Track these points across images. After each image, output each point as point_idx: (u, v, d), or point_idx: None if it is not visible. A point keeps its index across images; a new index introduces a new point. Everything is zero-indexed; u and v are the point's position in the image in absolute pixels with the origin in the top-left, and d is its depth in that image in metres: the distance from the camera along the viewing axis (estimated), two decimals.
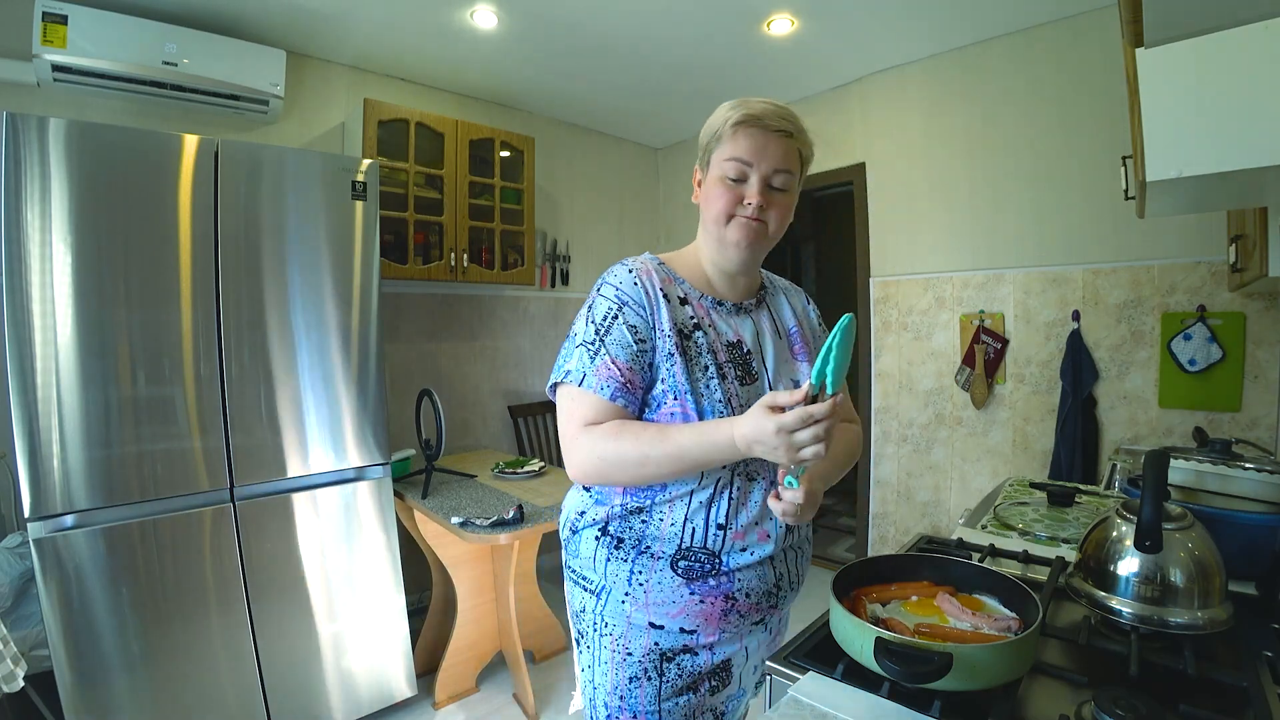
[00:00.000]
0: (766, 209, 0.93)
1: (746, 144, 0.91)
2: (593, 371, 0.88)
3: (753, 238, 0.93)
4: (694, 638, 0.92)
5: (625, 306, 0.91)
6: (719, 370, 0.92)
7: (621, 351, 0.88)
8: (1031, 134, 2.45)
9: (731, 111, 0.92)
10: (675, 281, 0.98)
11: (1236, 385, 2.05)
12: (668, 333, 0.90)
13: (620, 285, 0.93)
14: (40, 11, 1.85)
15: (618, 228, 3.82)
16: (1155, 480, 0.82)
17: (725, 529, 0.91)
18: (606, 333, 0.89)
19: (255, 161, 1.77)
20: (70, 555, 1.51)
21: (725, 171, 0.92)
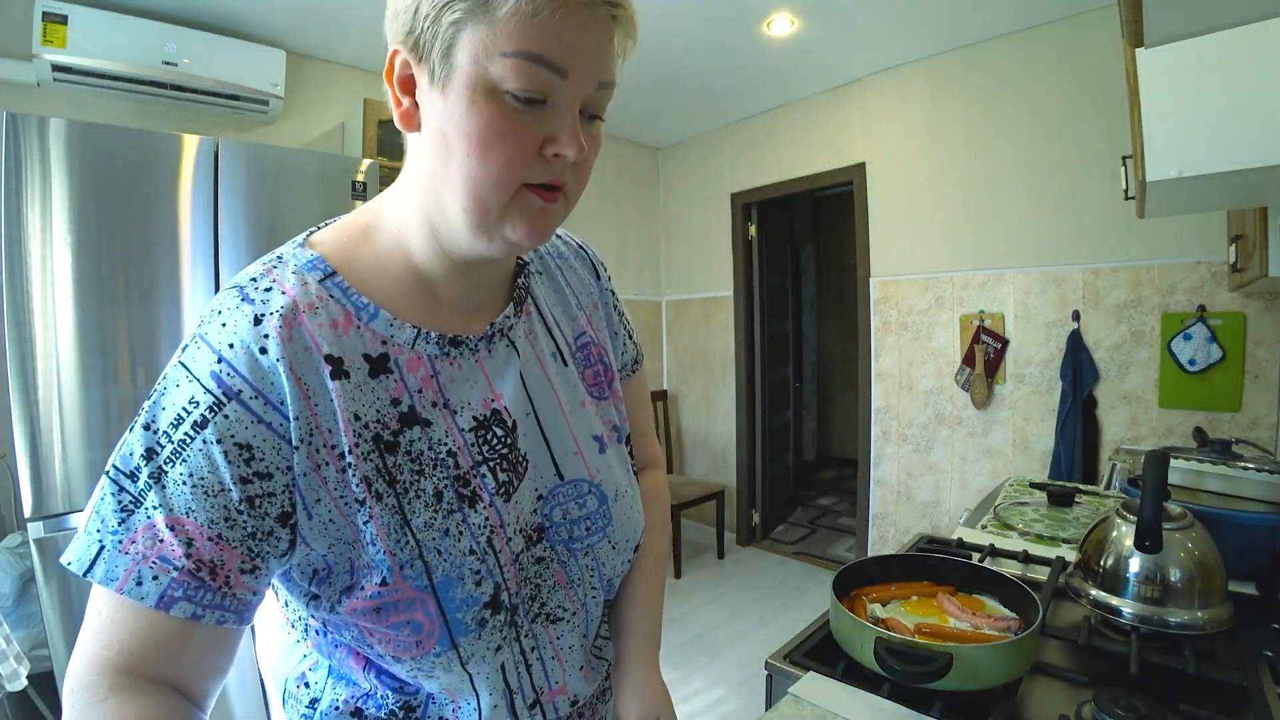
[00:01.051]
0: (580, 165, 0.49)
1: (560, 29, 0.43)
2: (130, 546, 0.42)
3: (551, 224, 0.51)
4: None
5: (234, 401, 0.43)
6: (460, 493, 0.50)
7: (204, 506, 0.42)
8: (1032, 134, 2.45)
9: None
10: (356, 316, 0.48)
11: (1236, 385, 2.05)
12: (347, 456, 0.46)
13: (228, 357, 0.43)
14: (40, 11, 1.85)
15: (618, 228, 3.82)
16: (1155, 480, 0.82)
17: (540, 698, 0.56)
18: (176, 460, 0.42)
19: (255, 161, 1.76)
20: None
21: (511, 81, 0.43)
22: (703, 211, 3.81)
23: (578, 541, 0.56)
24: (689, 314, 3.94)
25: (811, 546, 3.69)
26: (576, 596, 0.57)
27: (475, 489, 0.51)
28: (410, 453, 0.48)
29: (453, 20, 0.42)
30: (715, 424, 3.81)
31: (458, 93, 0.43)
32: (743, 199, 3.59)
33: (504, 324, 0.55)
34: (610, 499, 0.58)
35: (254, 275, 0.48)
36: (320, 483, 0.45)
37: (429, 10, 0.43)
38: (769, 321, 3.78)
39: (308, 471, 0.44)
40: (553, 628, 0.56)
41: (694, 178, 3.86)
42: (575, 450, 0.57)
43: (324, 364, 0.46)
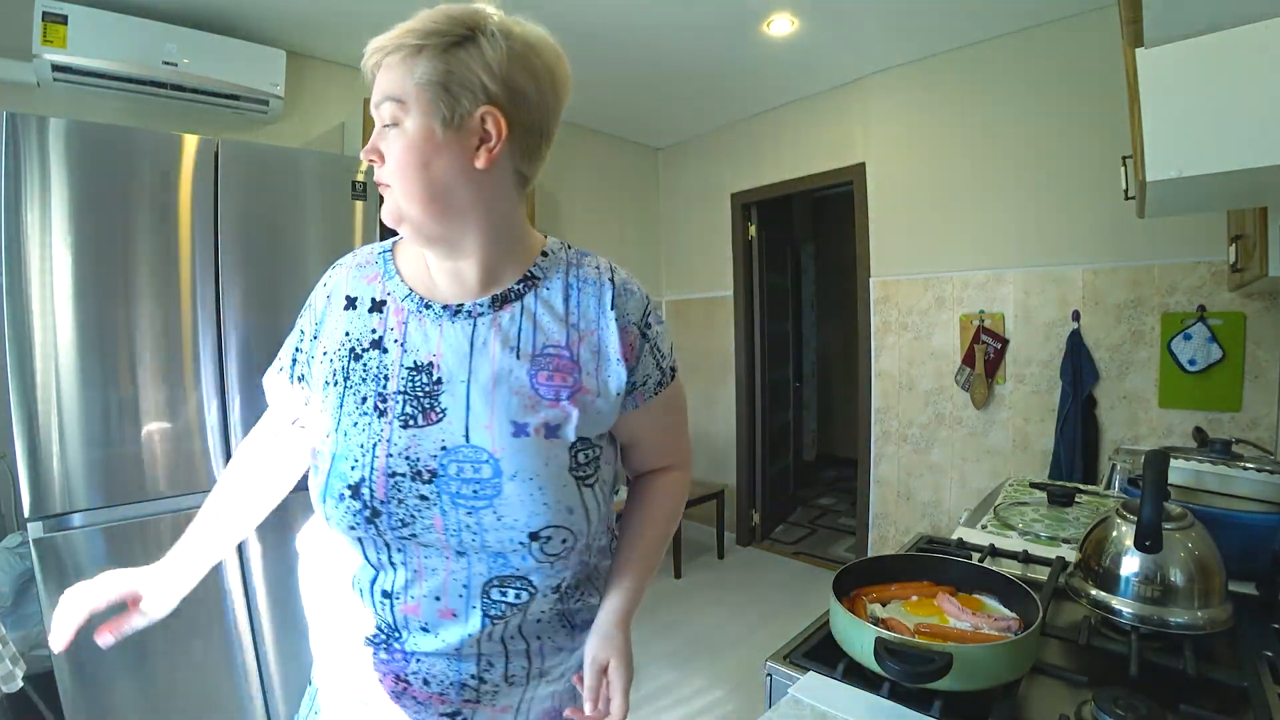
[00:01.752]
0: (381, 164, 0.64)
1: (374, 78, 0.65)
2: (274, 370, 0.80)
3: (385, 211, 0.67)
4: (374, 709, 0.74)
5: (308, 310, 0.77)
6: (378, 404, 0.67)
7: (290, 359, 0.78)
8: (1031, 134, 2.45)
9: None
10: (384, 278, 0.73)
11: (1236, 385, 2.05)
12: (329, 354, 0.71)
13: (321, 284, 0.77)
14: (40, 11, 1.85)
15: (618, 228, 3.82)
16: (1155, 480, 0.82)
17: (392, 598, 0.70)
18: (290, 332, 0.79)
19: (255, 161, 1.76)
20: (70, 555, 1.51)
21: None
22: (703, 211, 3.81)
23: (463, 499, 0.65)
24: (689, 314, 3.94)
25: (811, 546, 3.69)
26: (449, 543, 0.67)
27: (387, 408, 0.67)
28: (366, 365, 0.69)
29: None
30: (715, 424, 3.81)
31: None
32: (743, 199, 3.59)
33: (473, 309, 0.70)
34: (505, 475, 0.65)
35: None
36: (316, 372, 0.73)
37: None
38: (769, 321, 3.78)
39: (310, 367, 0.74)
40: (420, 550, 0.68)
41: (694, 178, 3.86)
42: (488, 424, 0.66)
43: (341, 298, 0.73)
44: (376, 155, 0.64)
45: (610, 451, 0.76)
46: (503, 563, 0.68)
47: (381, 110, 0.63)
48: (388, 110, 0.63)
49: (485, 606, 0.69)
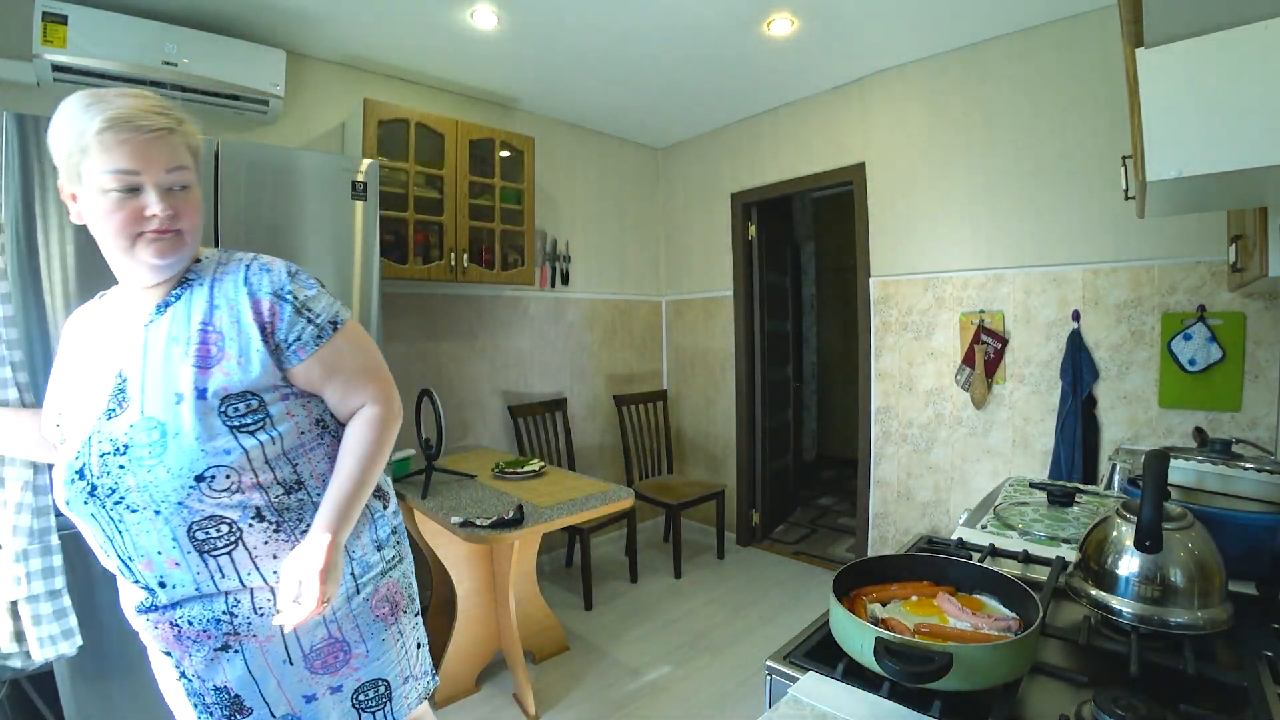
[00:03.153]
0: (177, 216, 0.86)
1: (123, 151, 0.81)
2: None
3: (170, 250, 0.87)
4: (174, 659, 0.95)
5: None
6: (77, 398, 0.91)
7: None
8: (1031, 134, 2.45)
9: (90, 117, 0.80)
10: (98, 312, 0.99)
11: (1236, 385, 2.05)
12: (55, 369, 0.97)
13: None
14: (40, 11, 1.85)
15: (618, 228, 3.82)
16: (1155, 480, 0.82)
17: (130, 565, 0.89)
18: None
19: (255, 161, 1.77)
20: (73, 551, 1.51)
21: (106, 185, 0.82)
22: (703, 211, 3.81)
23: (141, 459, 0.84)
24: (689, 314, 3.94)
25: (811, 546, 3.69)
26: (146, 498, 0.84)
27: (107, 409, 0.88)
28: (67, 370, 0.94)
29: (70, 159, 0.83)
30: (715, 424, 3.81)
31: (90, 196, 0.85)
32: (743, 199, 3.59)
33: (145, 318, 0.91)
34: (170, 435, 0.85)
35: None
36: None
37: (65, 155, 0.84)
38: (769, 321, 3.78)
39: None
40: (131, 515, 0.85)
41: (694, 178, 3.86)
42: (159, 399, 0.86)
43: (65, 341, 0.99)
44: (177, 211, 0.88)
45: (292, 403, 0.94)
46: (188, 509, 0.86)
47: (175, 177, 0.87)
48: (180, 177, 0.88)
49: (197, 546, 0.87)
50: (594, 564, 3.36)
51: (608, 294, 3.75)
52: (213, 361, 0.88)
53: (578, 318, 3.59)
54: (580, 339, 3.60)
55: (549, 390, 3.45)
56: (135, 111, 0.82)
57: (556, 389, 3.49)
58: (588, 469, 3.62)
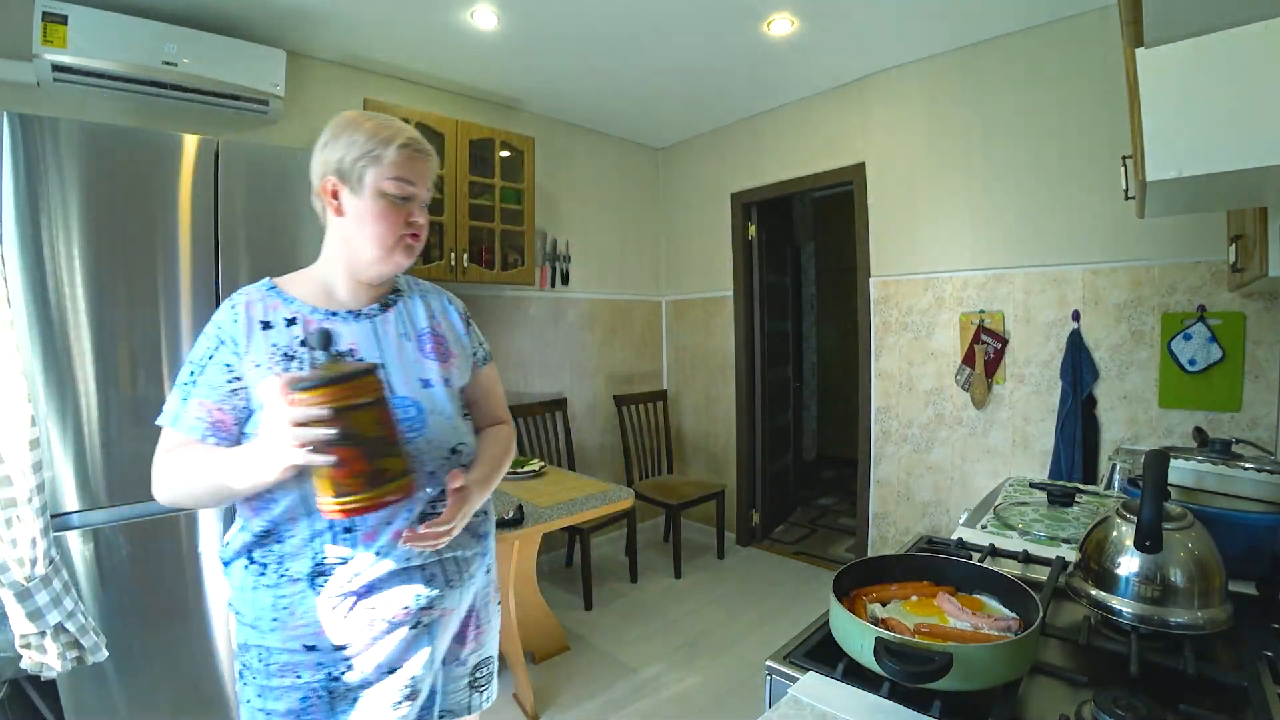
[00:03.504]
0: (423, 230, 0.99)
1: (411, 166, 0.95)
2: (184, 412, 0.89)
3: (413, 256, 1.00)
4: (343, 651, 0.91)
5: (222, 346, 0.90)
6: None
7: (212, 393, 0.88)
8: (1032, 134, 2.45)
9: (387, 133, 0.94)
10: (284, 303, 0.95)
11: (1236, 385, 2.05)
12: (264, 365, 0.89)
13: (220, 324, 0.91)
14: (40, 11, 1.85)
15: (618, 228, 3.82)
16: (1155, 480, 0.82)
17: (353, 531, 0.90)
18: (201, 373, 0.89)
19: (255, 161, 1.77)
20: (69, 555, 1.51)
21: (389, 190, 0.94)
22: (703, 211, 3.81)
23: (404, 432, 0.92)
24: (689, 314, 3.94)
25: (811, 546, 3.69)
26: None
27: None
28: (300, 362, 0.91)
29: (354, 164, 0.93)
30: (715, 424, 3.81)
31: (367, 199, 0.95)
32: (743, 199, 3.59)
33: (368, 311, 1.01)
34: (428, 412, 0.98)
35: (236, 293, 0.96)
36: (255, 380, 0.89)
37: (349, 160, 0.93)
38: (769, 321, 3.78)
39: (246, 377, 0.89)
40: None
41: (694, 178, 3.86)
42: (405, 382, 0.98)
43: (257, 325, 0.92)
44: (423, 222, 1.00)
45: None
46: (432, 479, 0.96)
47: (428, 198, 1.00)
48: (429, 199, 1.01)
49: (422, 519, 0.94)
50: (594, 564, 3.36)
51: (608, 294, 3.75)
52: (447, 358, 1.05)
53: (578, 318, 3.59)
54: (580, 339, 3.60)
55: (549, 390, 3.45)
56: (418, 137, 0.98)
57: (556, 389, 3.49)
58: (588, 469, 3.62)
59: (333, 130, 0.96)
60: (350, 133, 0.94)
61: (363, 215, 0.94)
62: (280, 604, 0.89)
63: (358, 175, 0.93)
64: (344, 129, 0.94)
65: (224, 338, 0.90)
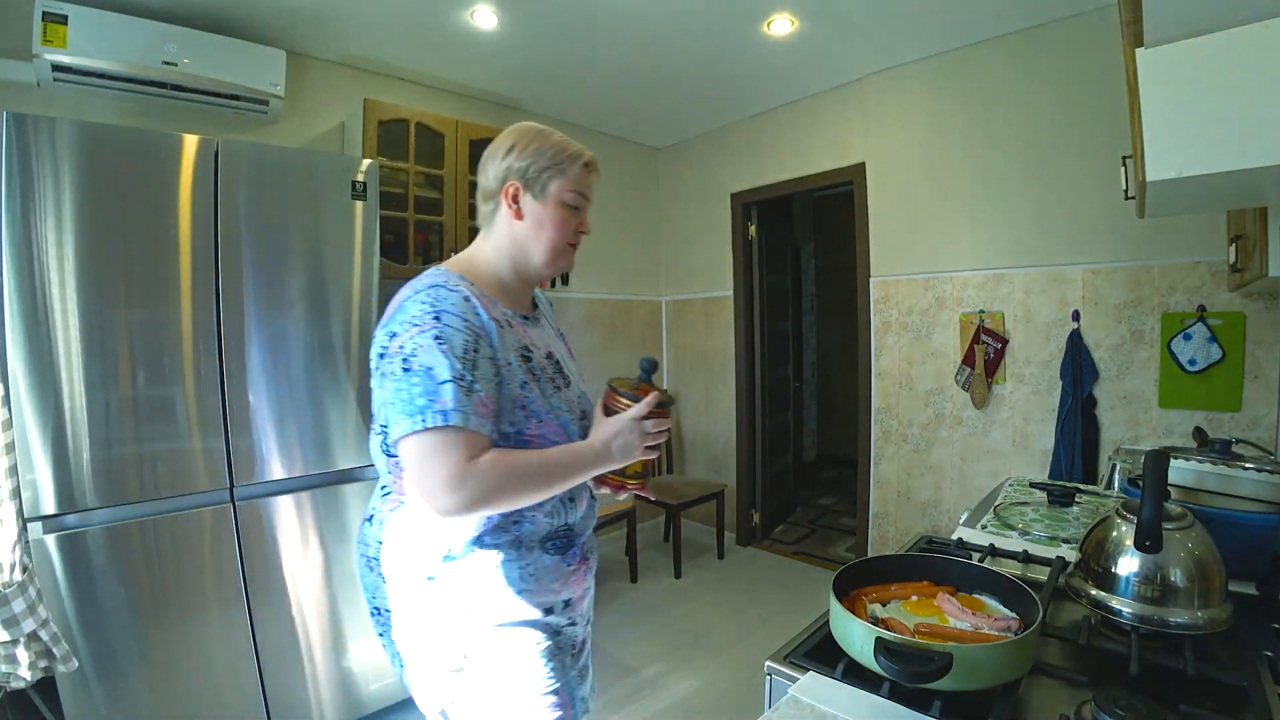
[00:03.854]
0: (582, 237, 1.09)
1: (587, 181, 1.06)
2: (472, 409, 0.85)
3: (573, 261, 1.09)
4: (569, 606, 1.03)
5: (480, 340, 0.90)
6: (554, 383, 1.01)
7: (487, 385, 0.88)
8: (1031, 134, 2.45)
9: (577, 151, 1.04)
10: (492, 304, 0.97)
11: (1236, 385, 2.05)
12: (514, 362, 0.94)
13: (466, 317, 0.90)
14: (40, 11, 1.84)
15: (618, 227, 3.82)
16: (1155, 480, 0.82)
17: (575, 500, 1.04)
18: (473, 367, 0.87)
19: (255, 161, 1.77)
20: (70, 555, 1.51)
21: (569, 201, 1.03)
22: (703, 211, 3.81)
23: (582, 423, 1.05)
24: (689, 314, 3.94)
25: (811, 546, 3.69)
26: None
27: (556, 383, 1.02)
28: (534, 363, 0.99)
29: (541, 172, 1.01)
30: (715, 424, 3.81)
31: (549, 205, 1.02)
32: (743, 199, 3.59)
33: (534, 316, 1.10)
34: (588, 403, 1.10)
35: (441, 281, 0.93)
36: (511, 376, 0.94)
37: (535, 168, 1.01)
38: (769, 321, 3.78)
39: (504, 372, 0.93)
40: None
41: (694, 178, 3.86)
42: (573, 374, 1.10)
43: (492, 322, 0.94)
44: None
45: None
46: None
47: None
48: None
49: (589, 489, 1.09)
50: None
51: (608, 294, 3.75)
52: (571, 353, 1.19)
53: (578, 318, 3.59)
54: (580, 339, 3.60)
55: None
56: (596, 158, 1.09)
57: None
58: None
59: (517, 139, 1.03)
60: (538, 143, 1.02)
61: (541, 220, 1.02)
62: (527, 573, 0.96)
63: (541, 184, 1.01)
64: (531, 139, 1.02)
65: (477, 332, 0.90)
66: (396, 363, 0.87)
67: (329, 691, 1.91)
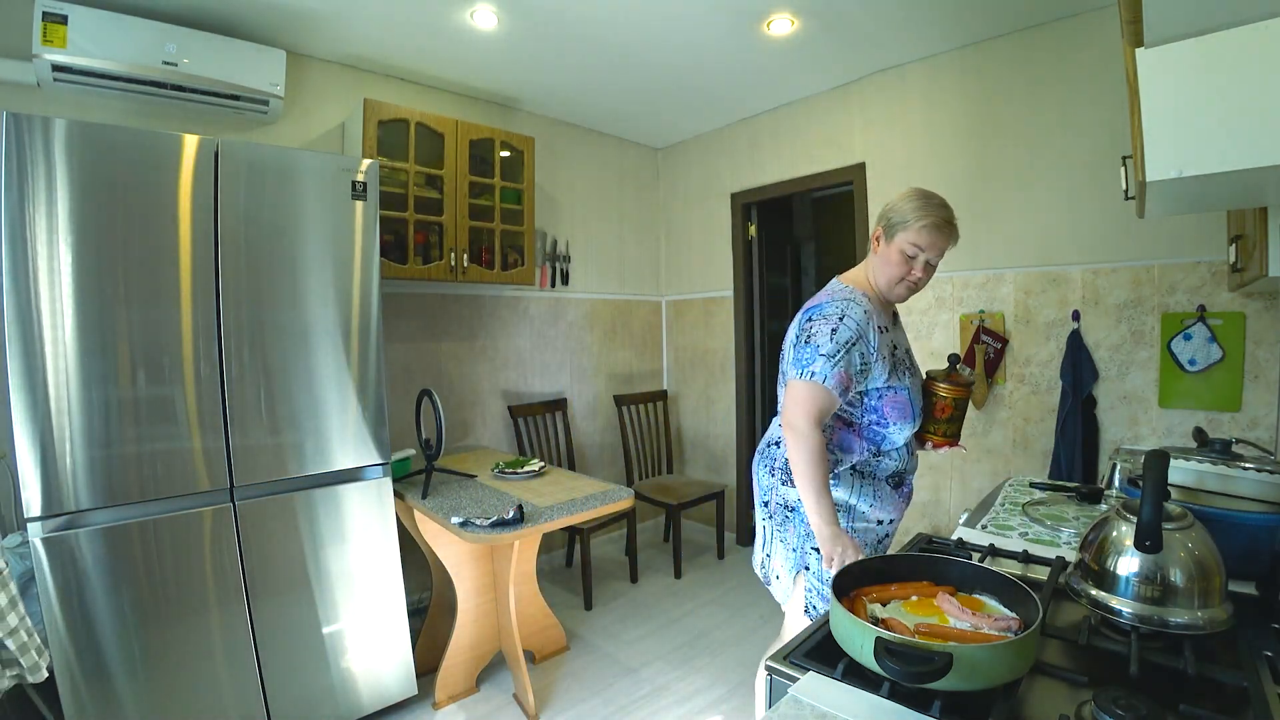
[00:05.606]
0: (923, 281, 1.40)
1: (926, 239, 1.34)
2: (832, 375, 1.31)
3: (908, 296, 1.44)
4: (893, 525, 1.49)
5: (860, 339, 1.34)
6: (909, 371, 1.47)
7: (850, 367, 1.33)
8: (1032, 134, 2.45)
9: (925, 213, 1.34)
10: (876, 314, 1.40)
11: (1236, 385, 2.05)
12: (886, 358, 1.39)
13: (859, 322, 1.35)
14: (40, 11, 1.85)
15: (618, 228, 3.82)
16: (1155, 480, 0.82)
17: (913, 454, 1.52)
18: (845, 353, 1.32)
19: (255, 161, 1.77)
20: (70, 555, 1.51)
21: (906, 250, 1.37)
22: (703, 211, 3.81)
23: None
24: (689, 314, 3.94)
25: None
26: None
27: (908, 371, 1.47)
28: (899, 359, 1.45)
29: (892, 223, 1.41)
30: (715, 424, 3.81)
31: (892, 250, 1.41)
32: (743, 199, 3.59)
33: (893, 323, 1.50)
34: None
35: (856, 297, 1.41)
36: (879, 371, 1.39)
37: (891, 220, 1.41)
38: (769, 321, 3.77)
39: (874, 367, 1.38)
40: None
41: (694, 178, 3.86)
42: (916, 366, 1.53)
43: (876, 329, 1.39)
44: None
45: None
46: None
47: (935, 260, 1.40)
48: (937, 260, 1.40)
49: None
50: (594, 564, 3.36)
51: (607, 294, 3.75)
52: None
53: (578, 318, 3.59)
54: (580, 339, 3.60)
55: (549, 390, 3.45)
56: (944, 218, 1.35)
57: (556, 389, 3.49)
58: (588, 469, 3.63)
59: (900, 195, 1.40)
60: (905, 203, 1.38)
61: (885, 260, 1.40)
62: (876, 495, 1.43)
63: (891, 232, 1.39)
64: (905, 199, 1.38)
65: (861, 333, 1.34)
66: (803, 339, 1.36)
67: (328, 691, 1.91)
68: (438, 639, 2.37)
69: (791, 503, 1.43)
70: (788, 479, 1.41)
